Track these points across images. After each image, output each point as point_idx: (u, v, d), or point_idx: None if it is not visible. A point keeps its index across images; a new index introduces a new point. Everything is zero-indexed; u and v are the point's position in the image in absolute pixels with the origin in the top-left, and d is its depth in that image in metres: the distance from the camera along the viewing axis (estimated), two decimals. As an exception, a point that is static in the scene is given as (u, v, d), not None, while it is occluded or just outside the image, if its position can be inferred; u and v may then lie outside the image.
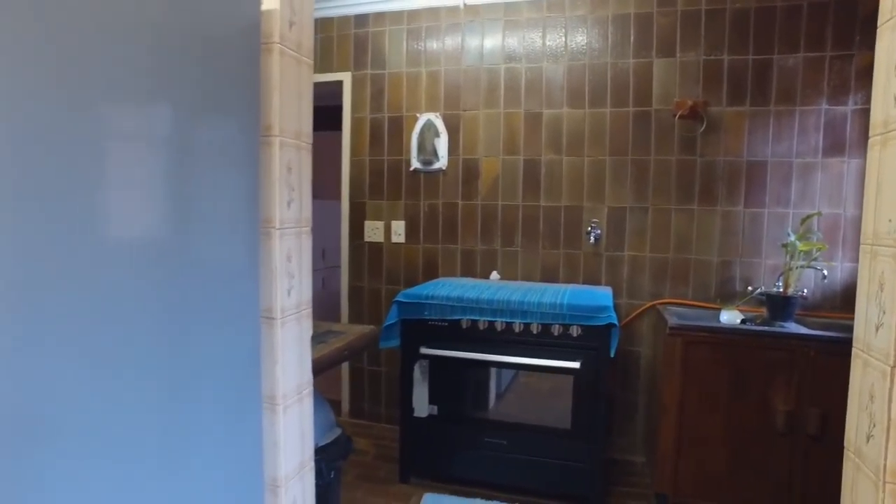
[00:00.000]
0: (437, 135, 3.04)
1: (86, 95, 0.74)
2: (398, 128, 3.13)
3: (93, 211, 0.75)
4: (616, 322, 2.29)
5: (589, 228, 2.86)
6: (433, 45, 3.04)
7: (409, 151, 3.11)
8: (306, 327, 1.30)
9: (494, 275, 2.98)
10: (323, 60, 3.22)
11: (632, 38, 2.75)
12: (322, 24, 3.18)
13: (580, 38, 2.83)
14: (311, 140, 1.31)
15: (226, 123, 1.00)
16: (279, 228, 1.17)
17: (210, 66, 0.95)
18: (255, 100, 1.08)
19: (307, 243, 1.29)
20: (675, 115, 2.66)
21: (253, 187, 1.08)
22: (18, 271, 0.65)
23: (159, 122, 0.86)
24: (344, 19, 3.19)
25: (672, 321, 2.32)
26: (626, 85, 2.77)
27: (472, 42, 2.98)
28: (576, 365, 2.32)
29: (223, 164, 0.99)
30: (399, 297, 2.53)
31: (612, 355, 2.31)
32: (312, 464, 1.37)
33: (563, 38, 2.85)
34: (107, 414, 0.77)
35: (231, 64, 1.00)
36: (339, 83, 3.22)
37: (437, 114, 3.04)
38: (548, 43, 2.87)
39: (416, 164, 3.09)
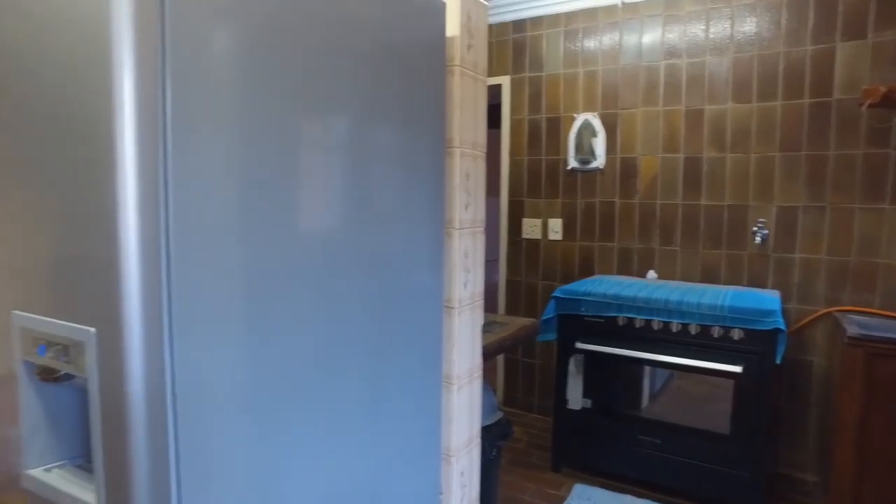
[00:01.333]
0: (594, 134, 3.08)
1: (320, 111, 0.95)
2: (556, 128, 3.22)
3: (310, 212, 0.95)
4: (783, 327, 2.18)
5: (755, 228, 2.72)
6: (590, 45, 3.08)
7: (566, 151, 3.19)
8: (478, 316, 1.47)
9: (651, 274, 2.96)
10: (483, 67, 3.40)
11: (810, 22, 2.56)
12: (483, 33, 3.36)
13: (748, 28, 2.69)
14: (485, 149, 1.47)
15: (418, 137, 1.18)
16: (458, 229, 1.34)
17: (406, 87, 1.13)
18: (440, 116, 1.25)
19: (480, 241, 1.45)
20: (862, 105, 2.43)
21: (439, 193, 1.26)
22: (262, 265, 0.88)
23: (367, 136, 1.05)
24: (502, 25, 3.34)
25: (852, 330, 2.15)
26: (802, 74, 2.59)
27: (630, 40, 2.97)
28: (737, 369, 2.25)
29: (415, 172, 1.18)
30: (557, 293, 2.63)
31: (777, 362, 2.20)
32: (479, 440, 1.53)
33: (729, 29, 2.73)
34: (326, 392, 0.98)
35: (422, 85, 1.18)
36: (498, 86, 3.38)
37: (595, 113, 3.08)
38: (711, 35, 2.77)
39: (573, 163, 3.16)
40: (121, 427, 0.69)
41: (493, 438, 1.89)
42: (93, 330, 0.70)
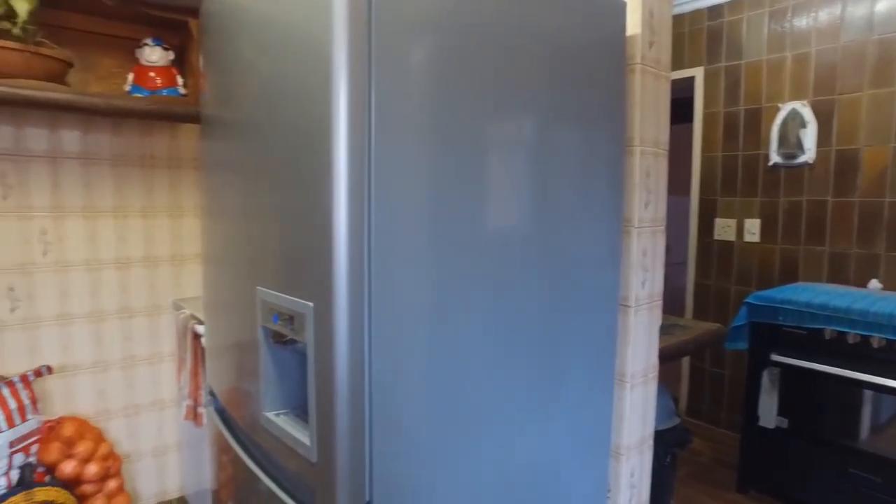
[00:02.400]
0: (802, 125, 2.75)
1: (504, 114, 1.02)
2: (755, 120, 2.94)
3: (493, 208, 1.02)
4: None
5: None
6: (801, 23, 2.75)
7: (767, 145, 2.89)
8: (656, 317, 1.43)
9: (874, 283, 2.56)
10: (674, 58, 3.23)
11: None
12: (673, 22, 3.19)
13: None
14: (667, 146, 1.43)
15: (596, 136, 1.20)
16: (637, 227, 1.33)
17: (585, 87, 1.15)
18: (620, 115, 1.26)
19: (661, 241, 1.42)
20: None
21: (617, 191, 1.26)
22: (447, 256, 0.97)
23: (548, 135, 1.09)
24: (696, 13, 3.13)
25: None
26: None
27: (857, 11, 2.59)
28: None
29: (594, 170, 1.20)
30: (750, 299, 2.42)
31: None
32: (651, 442, 1.50)
33: None
34: (499, 378, 1.05)
35: (601, 85, 1.19)
36: (690, 79, 3.18)
37: (804, 101, 2.75)
38: (970, 0, 2.31)
39: (776, 158, 2.86)
40: (329, 383, 0.84)
41: (667, 444, 1.82)
42: (311, 304, 0.86)
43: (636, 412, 1.41)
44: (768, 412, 2.38)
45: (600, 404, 1.30)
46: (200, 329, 1.70)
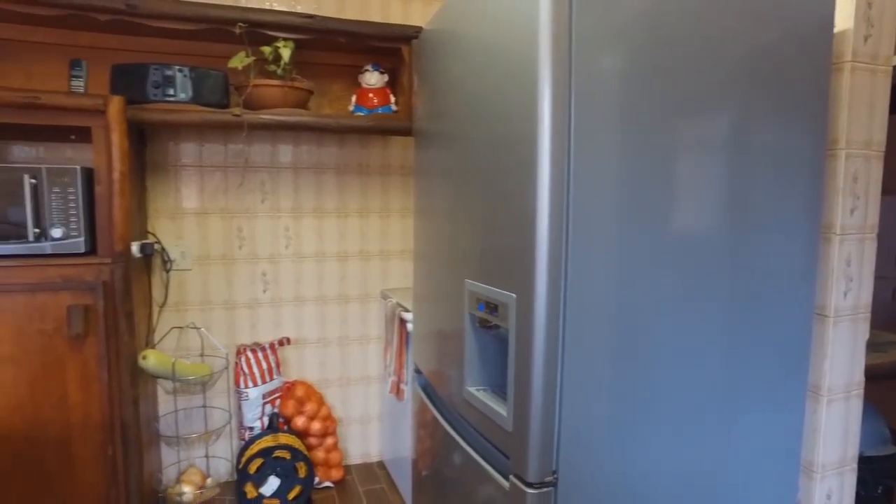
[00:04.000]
0: None
1: (698, 116, 1.07)
2: None
3: (684, 210, 1.05)
4: None
5: None
6: None
7: None
8: (861, 330, 1.35)
9: None
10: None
11: None
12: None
13: None
14: (883, 146, 1.33)
15: (793, 138, 1.16)
16: (839, 234, 1.27)
17: (783, 88, 1.12)
18: (822, 116, 1.20)
19: (870, 249, 1.33)
20: None
21: (815, 196, 1.22)
22: (637, 255, 1.04)
23: (740, 138, 1.09)
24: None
25: None
26: None
27: None
28: None
29: (788, 174, 1.16)
30: None
31: None
32: (854, 465, 1.40)
33: None
34: (685, 376, 1.09)
35: (801, 84, 1.15)
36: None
37: None
38: None
39: None
40: (527, 364, 0.98)
41: (880, 474, 1.67)
42: (514, 295, 1.01)
43: (834, 429, 1.34)
44: None
45: (788, 414, 1.26)
46: (406, 316, 1.97)
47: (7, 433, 1.73)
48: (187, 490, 2.17)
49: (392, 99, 2.26)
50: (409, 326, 1.95)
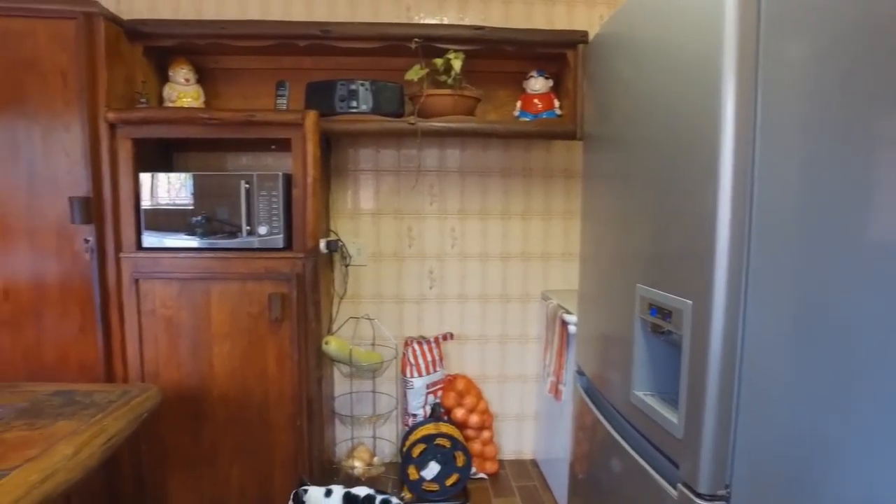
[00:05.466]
0: None
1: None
2: None
3: (880, 213, 0.97)
4: None
5: None
6: None
7: None
8: None
9: None
10: None
11: None
12: None
13: None
14: None
15: None
16: None
17: None
18: None
19: None
20: None
21: None
22: (825, 261, 0.95)
23: None
24: None
25: None
26: None
27: None
28: None
29: None
30: None
31: None
32: None
33: None
34: (878, 386, 0.99)
35: None
36: None
37: None
38: None
39: None
40: (702, 374, 0.96)
41: None
42: (690, 302, 0.99)
43: None
44: None
45: None
46: (568, 317, 1.99)
47: (225, 394, 2.06)
48: (358, 465, 2.39)
49: (556, 103, 2.28)
50: (571, 328, 1.97)
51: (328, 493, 1.89)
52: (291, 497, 1.90)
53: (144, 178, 2.01)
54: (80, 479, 1.07)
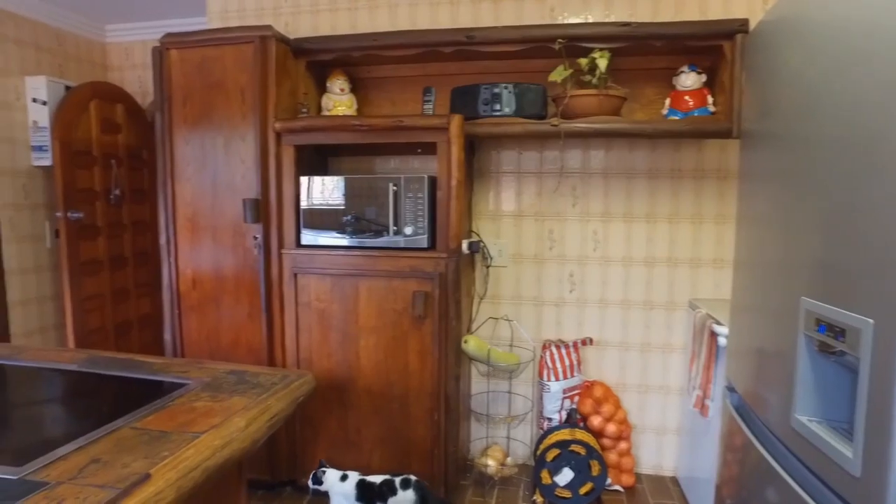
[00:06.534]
0: None
1: None
2: None
3: None
4: None
5: None
6: None
7: None
8: None
9: None
10: None
11: None
12: None
13: None
14: None
15: None
16: None
17: None
18: None
19: None
20: None
21: None
22: None
23: None
24: None
25: None
26: None
27: None
28: None
29: None
30: None
31: None
32: None
33: None
34: None
35: None
36: None
37: None
38: None
39: None
40: (887, 404, 0.84)
41: None
42: (871, 321, 0.87)
43: None
44: None
45: None
46: (718, 329, 1.85)
47: (371, 385, 2.20)
48: (491, 464, 2.42)
49: (709, 100, 2.13)
50: (721, 340, 1.83)
51: (343, 478, 2.00)
52: (311, 475, 2.02)
53: (303, 181, 2.21)
54: (249, 448, 1.21)
